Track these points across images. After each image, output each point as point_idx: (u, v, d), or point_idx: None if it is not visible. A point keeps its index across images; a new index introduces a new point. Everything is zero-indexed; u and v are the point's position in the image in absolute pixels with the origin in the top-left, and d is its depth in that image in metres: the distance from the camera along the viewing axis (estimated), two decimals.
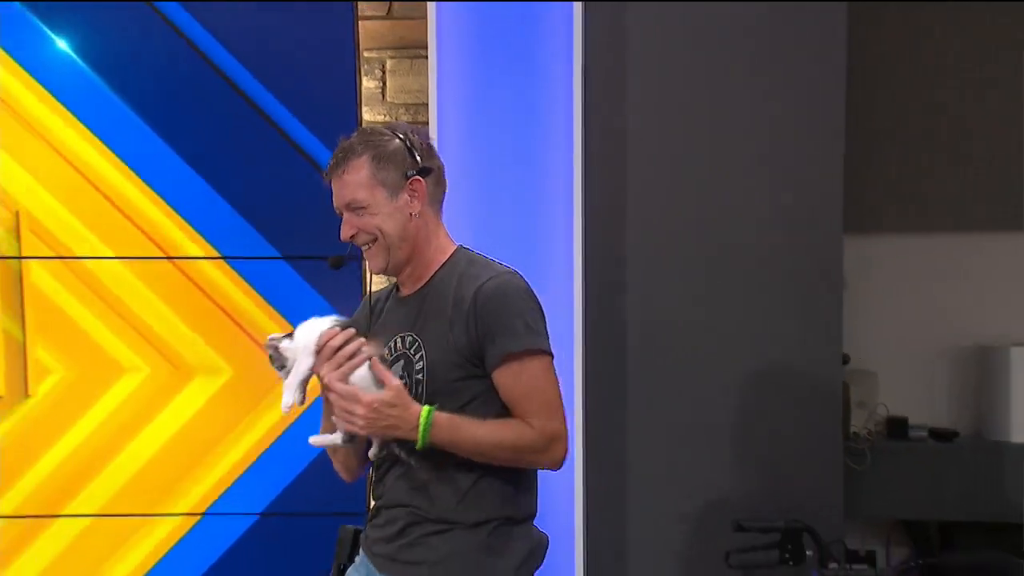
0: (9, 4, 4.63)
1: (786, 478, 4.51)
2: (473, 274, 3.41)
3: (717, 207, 4.54)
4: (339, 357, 3.25)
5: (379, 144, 3.38)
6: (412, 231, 3.42)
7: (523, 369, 3.34)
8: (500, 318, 3.33)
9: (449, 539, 3.31)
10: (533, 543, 3.42)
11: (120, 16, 4.64)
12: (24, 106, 4.68)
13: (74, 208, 4.69)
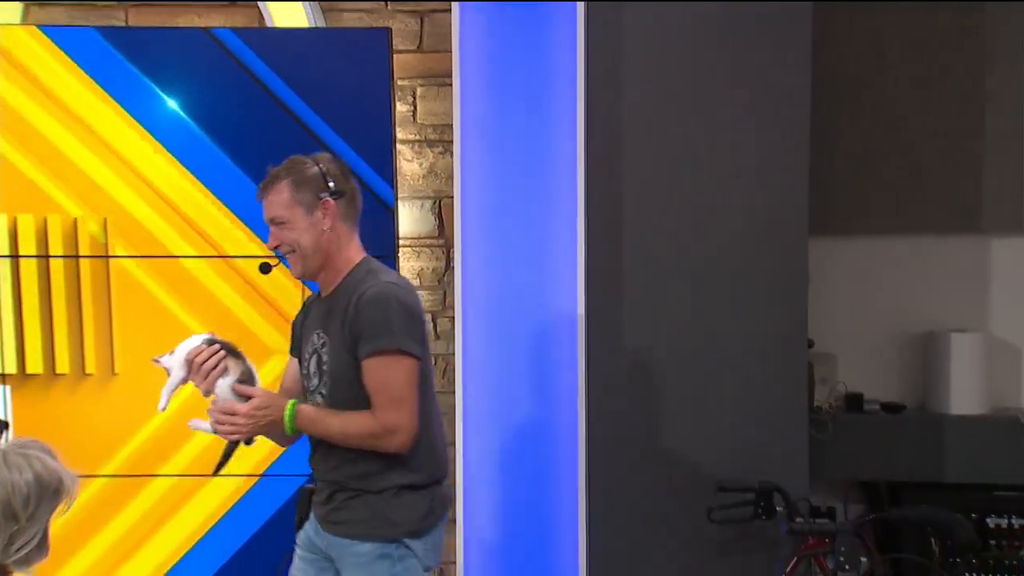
0: (103, 47, 4.69)
1: (760, 446, 4.57)
2: (365, 282, 3.67)
3: (700, 213, 4.60)
4: (203, 370, 3.66)
5: (299, 171, 3.71)
6: (324, 243, 3.71)
7: (379, 366, 3.58)
8: (370, 321, 3.58)
9: (361, 502, 3.63)
10: (433, 502, 3.69)
11: (192, 51, 4.69)
12: (113, 132, 4.74)
13: (154, 215, 4.76)
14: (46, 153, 4.77)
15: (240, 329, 4.72)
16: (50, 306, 4.83)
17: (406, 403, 3.59)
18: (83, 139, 4.75)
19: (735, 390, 4.61)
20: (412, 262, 4.84)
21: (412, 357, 3.60)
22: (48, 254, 4.81)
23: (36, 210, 4.78)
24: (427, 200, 4.83)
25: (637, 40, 4.60)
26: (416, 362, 3.62)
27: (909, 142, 5.37)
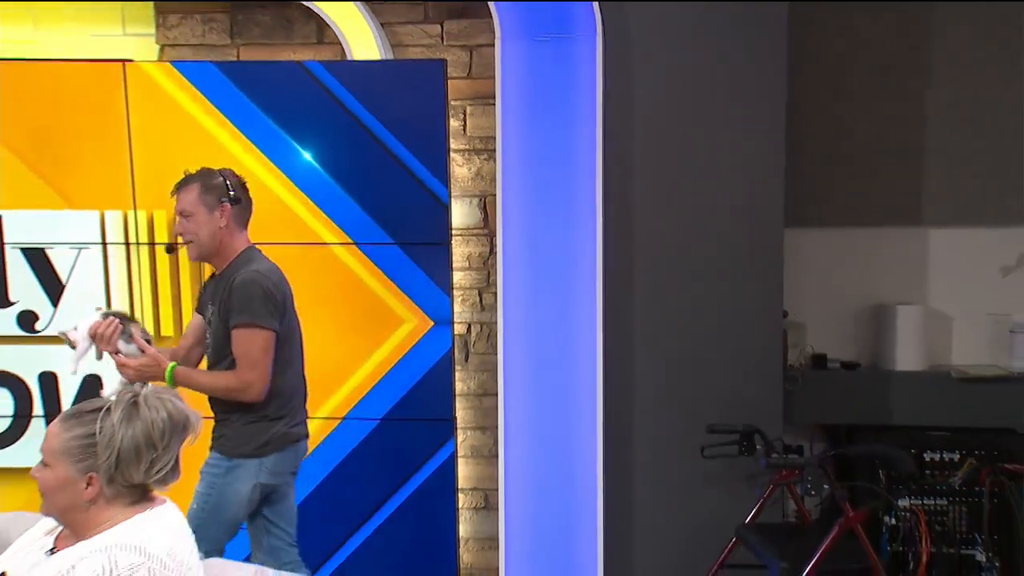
0: (219, 77, 4.75)
1: (743, 396, 4.64)
2: (241, 268, 4.02)
3: (696, 208, 4.67)
4: (105, 336, 3.91)
5: (208, 179, 4.05)
6: (218, 236, 4.05)
7: (241, 336, 3.95)
8: (237, 301, 3.95)
9: (227, 426, 4.01)
10: (276, 434, 4.03)
11: (288, 80, 4.72)
12: (221, 142, 4.78)
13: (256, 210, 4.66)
14: (177, 166, 4.77)
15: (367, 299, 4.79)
16: (178, 281, 4.90)
17: (260, 366, 3.94)
18: (202, 148, 4.75)
19: (724, 351, 4.67)
20: (462, 248, 4.88)
21: (268, 330, 3.96)
22: (176, 242, 4.75)
23: (170, 207, 4.70)
24: (475, 198, 4.87)
25: (644, 68, 4.65)
26: (271, 334, 3.97)
27: (865, 150, 5.38)
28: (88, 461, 2.58)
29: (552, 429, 4.71)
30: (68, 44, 5.12)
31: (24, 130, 4.89)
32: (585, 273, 4.64)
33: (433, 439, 4.77)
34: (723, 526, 4.48)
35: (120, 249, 4.90)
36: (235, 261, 4.06)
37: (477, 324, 4.89)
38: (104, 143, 4.85)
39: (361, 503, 4.83)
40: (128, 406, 2.62)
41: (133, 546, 2.53)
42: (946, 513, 5.09)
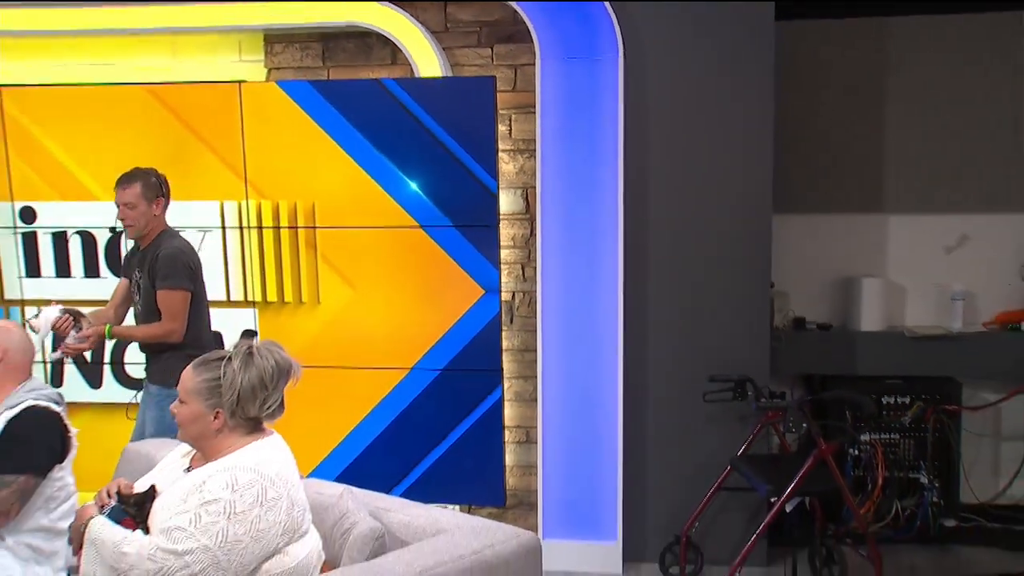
0: (313, 94, 4.75)
1: (738, 351, 4.61)
2: (164, 243, 4.30)
3: (700, 196, 4.64)
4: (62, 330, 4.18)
5: (146, 178, 4.30)
6: (151, 222, 4.33)
7: (164, 295, 4.26)
8: (162, 268, 4.25)
9: (162, 361, 4.27)
10: None
11: (368, 94, 4.71)
12: (321, 148, 4.77)
13: (342, 200, 4.79)
14: (280, 165, 4.85)
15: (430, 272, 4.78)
16: (280, 258, 4.89)
17: (180, 317, 4.27)
18: (302, 153, 4.81)
19: (722, 314, 4.65)
20: (508, 230, 4.84)
21: (186, 291, 4.28)
22: (279, 225, 4.87)
23: (274, 197, 4.85)
24: (518, 189, 4.83)
25: (657, 82, 4.62)
26: (187, 293, 4.29)
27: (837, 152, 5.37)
28: (214, 399, 2.63)
29: (581, 378, 4.69)
30: (198, 69, 5.16)
31: (165, 137, 4.94)
32: (609, 250, 4.61)
33: (484, 386, 4.77)
34: (720, 457, 4.47)
35: (234, 231, 4.92)
36: (157, 238, 4.35)
37: (520, 292, 4.86)
38: (223, 147, 4.88)
39: (427, 437, 4.84)
40: (245, 355, 2.65)
41: (250, 467, 2.57)
42: (898, 445, 5.11)
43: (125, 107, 4.96)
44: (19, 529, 3.15)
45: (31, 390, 3.27)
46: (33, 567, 3.16)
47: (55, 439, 3.22)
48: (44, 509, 3.20)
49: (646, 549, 4.74)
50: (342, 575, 2.46)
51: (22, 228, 5.13)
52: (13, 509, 3.09)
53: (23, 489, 3.10)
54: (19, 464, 3.11)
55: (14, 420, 3.16)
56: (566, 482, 4.72)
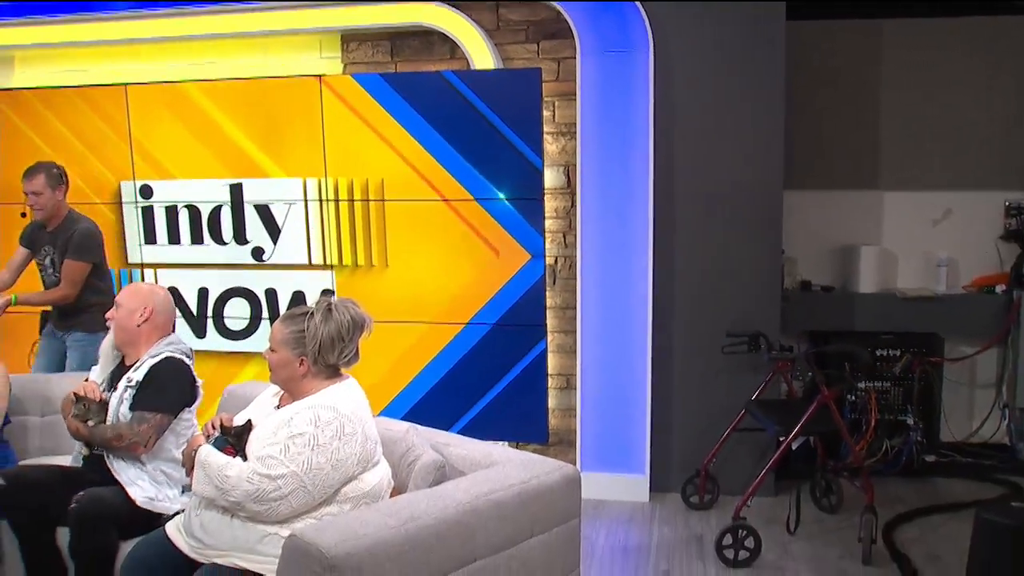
0: (383, 85, 4.71)
1: (752, 310, 4.55)
2: (73, 224, 4.39)
3: (719, 174, 4.57)
4: None
5: (49, 169, 4.35)
6: (56, 206, 4.38)
7: (69, 266, 4.34)
8: (76, 243, 4.34)
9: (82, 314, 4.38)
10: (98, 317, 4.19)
11: (430, 85, 4.66)
12: (391, 132, 4.74)
13: (407, 176, 4.75)
14: (354, 146, 4.82)
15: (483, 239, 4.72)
16: (354, 227, 4.87)
17: (78, 284, 4.36)
18: (373, 136, 4.76)
19: (739, 277, 4.59)
20: (551, 202, 4.79)
21: (88, 263, 4.38)
22: (353, 198, 4.85)
23: (349, 175, 4.82)
24: (561, 166, 4.77)
25: (683, 72, 4.55)
26: (89, 265, 4.38)
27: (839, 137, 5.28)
28: (300, 349, 2.64)
29: (615, 332, 4.64)
30: (285, 65, 5.16)
31: (257, 124, 4.94)
32: (640, 220, 4.55)
33: (530, 339, 4.72)
34: (735, 401, 4.41)
35: (315, 204, 4.90)
36: (65, 220, 4.43)
37: (562, 257, 4.81)
38: (306, 132, 4.86)
39: (480, 382, 4.81)
40: (325, 311, 2.65)
41: (329, 406, 2.58)
42: (889, 392, 5.08)
43: (225, 99, 4.96)
44: (155, 458, 3.21)
45: (170, 343, 3.32)
46: (164, 489, 3.22)
47: (185, 386, 3.28)
48: (174, 443, 3.25)
49: (670, 481, 4.71)
50: (410, 499, 2.45)
51: (141, 203, 5.17)
52: (150, 442, 3.15)
53: (158, 425, 3.17)
54: (157, 404, 3.17)
55: (154, 368, 3.22)
56: (601, 422, 4.69)
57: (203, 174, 5.05)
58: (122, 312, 3.31)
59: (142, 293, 3.35)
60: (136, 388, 3.21)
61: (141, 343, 3.32)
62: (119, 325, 3.33)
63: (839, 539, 4.12)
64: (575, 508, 2.77)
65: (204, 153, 5.03)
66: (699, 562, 3.91)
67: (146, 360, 3.26)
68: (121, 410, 3.20)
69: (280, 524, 2.51)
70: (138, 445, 3.14)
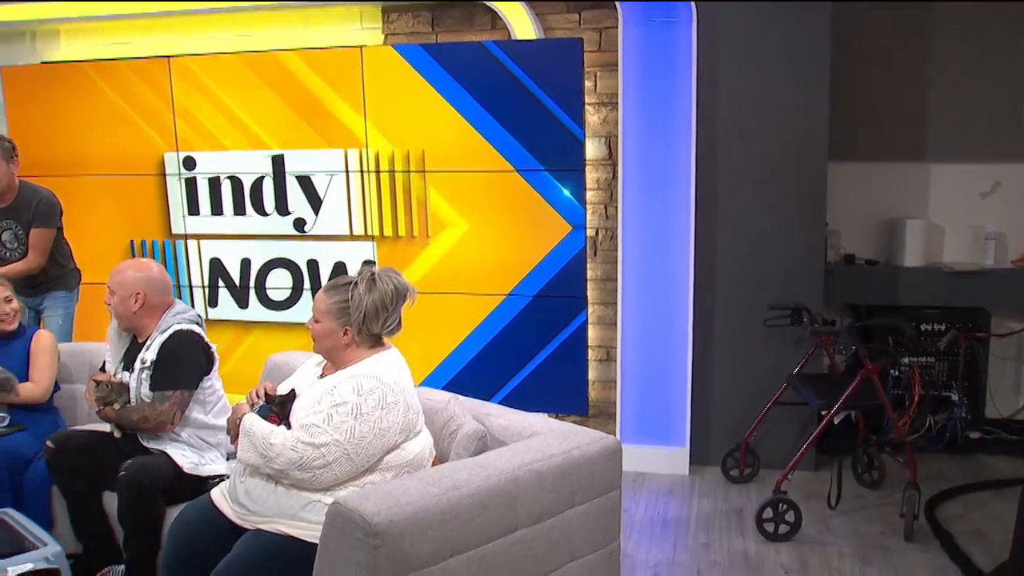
0: (424, 55, 4.68)
1: (796, 283, 4.51)
2: (33, 196, 4.37)
3: (764, 146, 4.50)
4: None
5: (3, 142, 4.28)
6: (10, 180, 4.34)
7: (37, 235, 4.37)
8: (40, 213, 4.37)
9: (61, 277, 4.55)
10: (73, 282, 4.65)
11: (471, 54, 4.63)
12: (430, 101, 4.72)
13: (448, 147, 4.74)
14: (395, 117, 4.81)
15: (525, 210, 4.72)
16: (395, 198, 4.88)
17: (46, 252, 4.41)
18: (414, 106, 4.76)
19: (782, 250, 4.54)
20: (592, 174, 4.75)
21: (53, 229, 4.43)
22: (394, 169, 4.85)
23: (390, 145, 4.82)
24: (602, 137, 4.73)
25: (726, 42, 4.49)
26: (54, 231, 4.44)
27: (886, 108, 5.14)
28: (343, 319, 2.65)
29: (656, 304, 4.61)
30: (326, 37, 5.15)
31: (299, 95, 4.94)
32: (682, 192, 4.51)
33: (571, 310, 4.71)
34: (776, 375, 4.38)
35: (356, 175, 4.90)
36: (19, 192, 4.40)
37: (603, 229, 4.78)
38: (347, 103, 4.86)
39: (521, 354, 4.82)
40: (368, 280, 2.66)
41: (372, 375, 2.59)
42: (933, 367, 4.99)
43: (266, 70, 4.97)
44: (188, 426, 3.27)
45: (176, 314, 3.33)
46: (205, 453, 3.29)
47: (200, 356, 3.30)
48: (202, 411, 3.31)
49: (710, 454, 4.70)
50: (451, 468, 2.46)
51: (185, 174, 5.21)
52: (175, 418, 3.20)
53: (180, 401, 3.21)
54: (174, 381, 3.21)
55: (165, 344, 3.24)
56: (641, 395, 4.68)
57: (245, 145, 5.07)
58: (116, 300, 3.30)
59: (128, 280, 3.30)
60: (151, 368, 3.23)
61: (145, 322, 3.32)
62: (117, 312, 3.33)
63: (880, 515, 4.10)
64: (616, 479, 2.76)
65: (246, 124, 5.05)
66: (739, 535, 3.91)
67: (156, 337, 3.27)
68: (142, 391, 3.24)
69: (323, 491, 2.54)
70: (164, 423, 3.19)
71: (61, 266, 4.57)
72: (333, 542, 2.24)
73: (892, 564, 3.61)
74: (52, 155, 5.35)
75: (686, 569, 3.61)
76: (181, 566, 2.70)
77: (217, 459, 3.31)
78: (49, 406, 3.81)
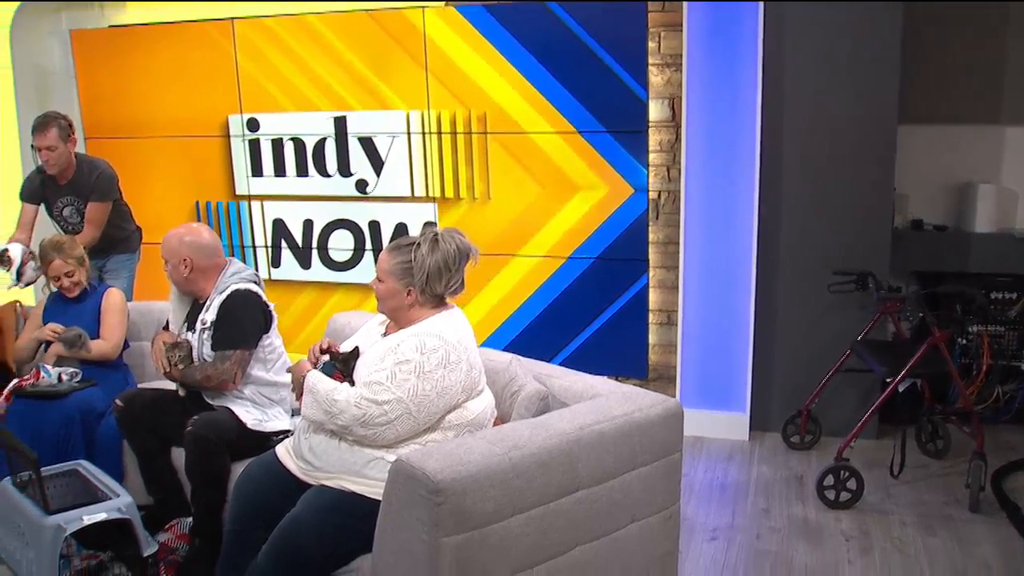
0: (486, 16, 4.67)
1: (861, 248, 4.41)
2: (92, 171, 4.41)
3: (831, 109, 4.39)
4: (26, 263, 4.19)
5: (59, 121, 4.27)
6: (68, 157, 4.35)
7: (93, 208, 4.39)
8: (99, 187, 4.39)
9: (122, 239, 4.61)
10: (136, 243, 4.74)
11: (536, 16, 4.60)
12: (494, 63, 4.71)
13: (510, 109, 4.72)
14: (457, 78, 4.79)
15: (587, 172, 4.69)
16: (457, 160, 4.88)
17: (101, 224, 4.42)
18: (476, 68, 4.75)
19: (848, 214, 4.45)
20: (655, 135, 4.68)
21: (110, 202, 4.44)
22: (456, 131, 4.84)
23: (452, 107, 4.82)
24: (666, 99, 4.65)
25: None
26: (110, 205, 4.45)
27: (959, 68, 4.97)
28: (407, 279, 2.66)
29: (718, 268, 4.55)
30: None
31: (361, 57, 4.95)
32: (746, 154, 4.42)
33: (632, 273, 4.69)
34: (840, 341, 4.31)
35: (419, 137, 4.91)
36: (77, 169, 4.43)
37: (665, 191, 4.72)
38: (410, 64, 4.86)
39: (581, 316, 4.82)
40: (432, 241, 2.66)
41: (435, 334, 2.61)
42: (1003, 336, 4.84)
43: (329, 32, 4.98)
44: (250, 383, 3.32)
45: (233, 274, 3.37)
46: (268, 409, 3.34)
47: (258, 315, 3.33)
48: (263, 368, 3.35)
49: (770, 420, 4.65)
50: (513, 428, 2.46)
51: (248, 136, 5.26)
52: (236, 376, 3.25)
53: (241, 360, 3.26)
54: (234, 341, 3.26)
55: (224, 304, 3.28)
56: (702, 359, 4.64)
57: (308, 107, 5.10)
58: (169, 268, 3.36)
59: (175, 247, 3.34)
60: (211, 328, 3.28)
61: (201, 285, 3.37)
62: (172, 279, 3.39)
63: (944, 485, 4.02)
64: (677, 442, 2.75)
65: (309, 86, 5.08)
66: (798, 502, 3.87)
67: (215, 298, 3.31)
68: (204, 351, 3.29)
69: (386, 449, 2.56)
70: (226, 383, 3.25)
71: (122, 228, 4.64)
72: (396, 499, 2.27)
73: (956, 534, 3.55)
74: (120, 117, 5.45)
75: (745, 534, 3.59)
76: (246, 520, 2.74)
77: (280, 415, 3.37)
78: (119, 363, 3.92)
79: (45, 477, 2.97)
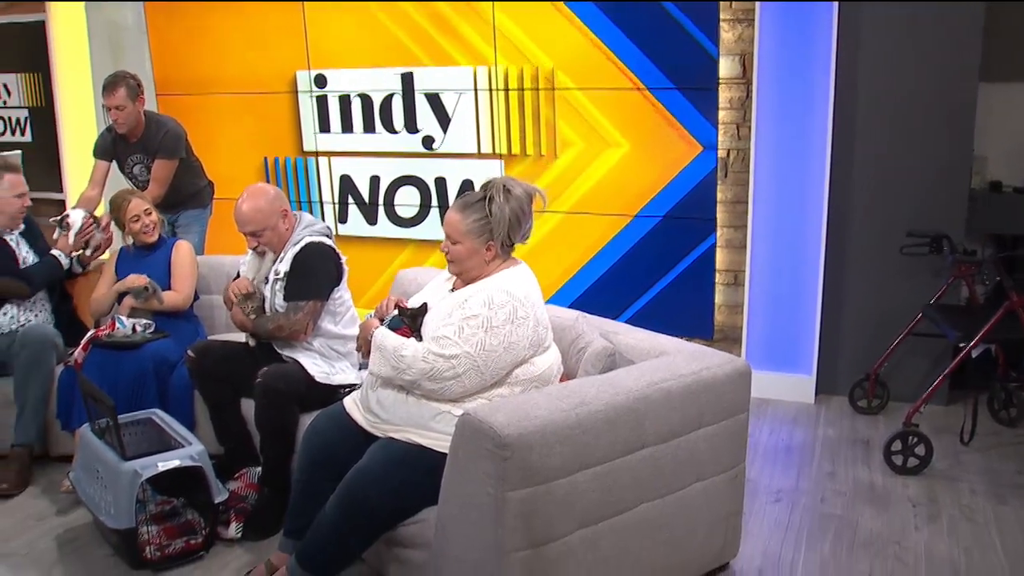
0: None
1: (936, 209, 4.29)
2: (160, 129, 4.49)
3: (906, 65, 4.25)
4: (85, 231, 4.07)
5: (126, 80, 4.33)
6: (138, 115, 4.42)
7: (160, 165, 4.48)
8: (166, 145, 4.49)
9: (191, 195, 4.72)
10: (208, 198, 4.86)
11: None
12: (555, 19, 4.63)
13: (577, 65, 4.66)
14: (524, 35, 4.73)
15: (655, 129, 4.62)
16: (523, 116, 4.83)
17: (167, 181, 4.49)
18: (544, 24, 4.68)
19: (924, 175, 4.32)
20: (726, 93, 4.57)
21: (176, 160, 4.51)
22: (523, 87, 4.79)
23: (519, 63, 4.77)
24: (736, 55, 4.54)
25: None
26: (176, 163, 4.51)
27: None
28: (486, 235, 2.67)
29: (787, 228, 4.47)
30: None
31: (427, 13, 4.91)
32: (819, 112, 4.31)
33: (700, 233, 4.62)
34: (910, 305, 4.22)
35: (485, 93, 4.88)
36: (146, 128, 4.49)
37: (735, 150, 4.63)
38: (476, 20, 4.81)
39: (647, 275, 4.76)
40: (504, 191, 2.66)
41: (503, 289, 2.61)
42: None
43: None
44: (319, 336, 3.36)
45: (306, 227, 3.41)
46: (336, 363, 3.39)
47: (331, 267, 3.37)
48: (332, 321, 3.39)
49: (837, 383, 4.58)
50: (580, 384, 2.47)
51: (316, 92, 5.28)
52: (308, 327, 3.30)
53: (313, 311, 3.30)
54: (307, 292, 3.30)
55: (298, 256, 3.32)
56: (769, 320, 4.58)
57: (375, 63, 5.10)
58: (269, 234, 3.33)
59: (266, 211, 3.31)
60: (285, 279, 3.32)
61: (284, 239, 3.38)
62: (274, 245, 3.37)
63: (1017, 453, 3.93)
64: (744, 402, 2.73)
65: (375, 42, 5.07)
66: (864, 466, 3.82)
67: (289, 250, 3.34)
68: (276, 302, 3.34)
69: (453, 403, 2.58)
70: (298, 333, 3.29)
71: (193, 183, 4.72)
72: (463, 452, 2.29)
73: None
74: (190, 74, 5.51)
75: (810, 497, 3.56)
76: (314, 470, 2.79)
77: (348, 369, 3.41)
78: (190, 314, 4.00)
79: (121, 424, 3.06)
